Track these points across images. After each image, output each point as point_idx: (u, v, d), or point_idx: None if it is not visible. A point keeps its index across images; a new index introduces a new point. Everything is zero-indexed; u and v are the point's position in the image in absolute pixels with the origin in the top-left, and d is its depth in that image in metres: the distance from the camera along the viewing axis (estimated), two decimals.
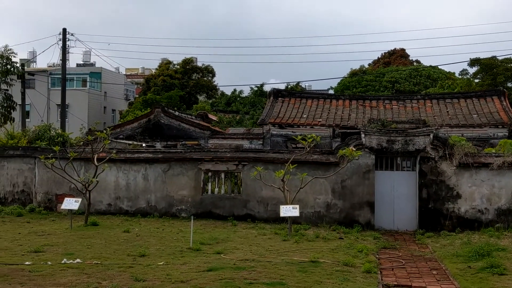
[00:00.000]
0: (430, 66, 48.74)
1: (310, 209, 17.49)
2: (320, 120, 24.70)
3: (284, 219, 16.23)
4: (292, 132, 23.91)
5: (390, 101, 26.59)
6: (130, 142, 25.05)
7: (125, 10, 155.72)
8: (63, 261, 10.98)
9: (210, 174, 18.41)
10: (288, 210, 15.33)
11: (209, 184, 18.40)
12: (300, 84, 54.40)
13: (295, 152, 17.51)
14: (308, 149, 15.85)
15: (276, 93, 27.06)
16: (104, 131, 18.31)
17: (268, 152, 18.63)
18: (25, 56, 68.16)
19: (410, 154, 17.34)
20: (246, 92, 58.25)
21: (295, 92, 29.43)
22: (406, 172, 17.61)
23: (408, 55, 57.52)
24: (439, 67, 48.96)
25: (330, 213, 17.44)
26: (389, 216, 17.39)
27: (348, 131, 22.68)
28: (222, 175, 18.32)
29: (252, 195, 17.89)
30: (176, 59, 67.55)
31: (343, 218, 17.32)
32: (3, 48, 20.21)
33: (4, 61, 20.02)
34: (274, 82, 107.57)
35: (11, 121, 21.42)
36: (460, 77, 46.09)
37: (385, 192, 17.48)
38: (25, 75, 40.16)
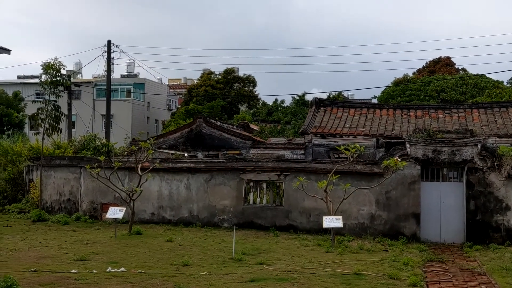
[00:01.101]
0: (477, 74, 47.70)
1: (353, 220, 17.24)
2: (363, 129, 24.39)
3: (327, 230, 16.04)
4: (335, 142, 23.65)
5: (436, 110, 26.05)
6: (173, 152, 25.27)
7: (168, 21, 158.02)
8: (108, 270, 11.09)
9: (252, 184, 18.36)
10: (331, 221, 15.13)
11: (251, 194, 18.35)
12: (342, 93, 54.00)
13: (338, 162, 17.30)
14: (352, 159, 15.63)
15: (318, 102, 26.87)
16: (148, 141, 18.51)
17: (311, 162, 18.48)
18: (71, 67, 69.80)
19: (457, 164, 16.92)
20: (288, 101, 58.14)
21: (337, 102, 29.18)
22: (453, 183, 17.19)
23: (454, 63, 56.40)
24: (487, 75, 47.83)
25: (374, 224, 17.15)
26: (436, 228, 16.99)
27: (393, 141, 22.27)
28: (264, 185, 18.25)
29: (294, 205, 17.76)
30: (218, 69, 68.04)
31: (388, 230, 17.01)
32: (52, 60, 20.60)
33: (54, 73, 20.41)
34: (316, 91, 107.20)
35: (59, 132, 21.81)
36: (508, 85, 44.92)
37: (431, 203, 17.10)
38: (72, 86, 41.16)
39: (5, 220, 18.90)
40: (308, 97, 52.42)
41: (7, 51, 32.30)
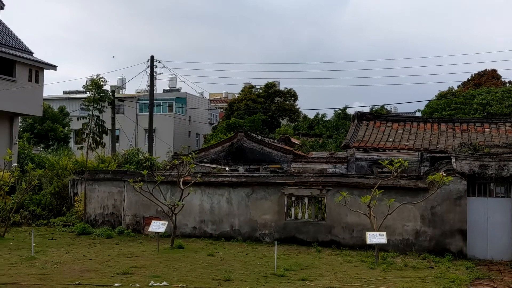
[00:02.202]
0: None
1: (398, 236, 16.89)
2: (407, 144, 23.97)
3: (371, 246, 15.76)
4: (378, 156, 23.32)
5: (482, 124, 25.42)
6: (214, 166, 25.34)
7: (210, 36, 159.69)
8: (150, 284, 11.12)
9: (293, 198, 18.22)
10: (375, 237, 14.85)
11: (293, 209, 18.20)
12: (385, 106, 53.40)
13: (382, 177, 17.01)
14: (396, 174, 15.34)
15: (361, 116, 26.58)
16: (190, 155, 18.61)
17: (353, 176, 18.23)
18: (115, 83, 71.18)
19: (504, 179, 16.43)
20: (329, 115, 57.85)
21: (380, 115, 28.80)
22: (500, 199, 16.68)
23: (500, 76, 55.04)
24: None
25: (419, 240, 16.75)
26: (483, 244, 16.49)
27: (437, 155, 21.82)
28: (306, 200, 18.08)
29: (336, 220, 17.52)
30: (259, 83, 68.31)
31: (433, 246, 16.59)
32: (95, 77, 21.00)
33: (97, 89, 20.78)
34: (358, 105, 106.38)
35: (102, 146, 22.17)
36: None
37: (478, 219, 16.62)
38: (115, 102, 41.89)
39: (50, 233, 19.24)
40: (350, 111, 52.09)
41: (54, 67, 33.19)
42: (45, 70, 32.61)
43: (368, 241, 14.98)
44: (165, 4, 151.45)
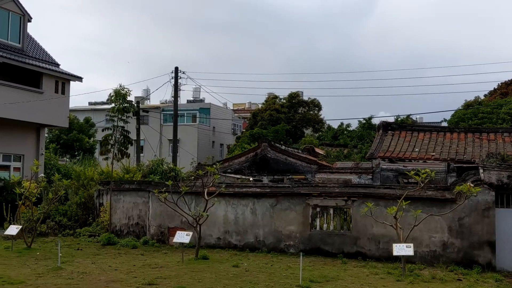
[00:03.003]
0: None
1: (424, 248, 16.62)
2: (434, 154, 23.68)
3: (397, 258, 15.55)
4: (404, 166, 23.08)
5: (509, 134, 25.03)
6: (238, 176, 25.33)
7: (233, 47, 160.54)
8: None
9: (318, 209, 18.08)
10: (402, 249, 14.64)
11: (318, 220, 18.06)
12: (410, 116, 52.98)
13: (408, 188, 16.79)
14: (422, 184, 15.13)
15: (386, 126, 26.37)
16: (214, 166, 18.62)
17: (379, 187, 18.03)
18: (139, 93, 71.87)
19: None
20: (354, 125, 57.58)
21: (406, 125, 28.53)
22: None
23: None
24: None
25: (447, 252, 16.47)
26: None
27: (465, 165, 21.54)
28: (331, 211, 17.92)
29: (362, 232, 17.33)
30: (283, 93, 68.36)
31: (461, 258, 16.29)
32: (119, 88, 21.17)
33: (120, 100, 20.94)
34: (383, 115, 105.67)
35: (127, 156, 22.33)
36: None
37: (507, 230, 16.27)
38: (140, 112, 42.24)
39: (76, 243, 19.37)
40: (375, 121, 51.77)
41: (79, 78, 33.59)
42: (71, 82, 33.03)
43: (395, 253, 14.78)
44: (189, 14, 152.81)
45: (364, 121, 55.19)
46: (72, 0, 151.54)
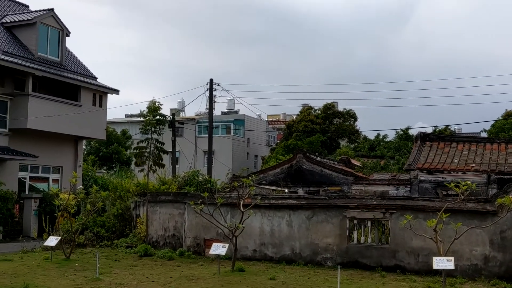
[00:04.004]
0: None
1: (465, 261, 16.20)
2: (473, 165, 23.19)
3: (437, 272, 15.18)
4: (442, 178, 22.66)
5: None
6: (274, 188, 25.23)
7: (267, 58, 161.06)
8: None
9: (355, 221, 17.82)
10: (442, 262, 14.28)
11: (355, 232, 17.80)
12: (449, 127, 52.14)
13: (448, 200, 16.43)
14: (463, 197, 14.77)
15: (424, 137, 25.96)
16: (249, 178, 18.56)
17: (418, 199, 17.68)
18: (175, 106, 72.58)
19: None
20: (391, 136, 56.95)
21: (444, 136, 28.06)
22: None
23: None
24: None
25: (489, 266, 16.01)
26: None
27: (506, 177, 21.03)
28: (369, 223, 17.64)
29: (401, 244, 16.99)
30: (317, 104, 68.08)
31: (504, 272, 15.81)
32: (152, 100, 21.38)
33: (153, 113, 21.15)
34: (421, 125, 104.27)
35: (162, 167, 22.47)
36: None
37: None
38: (175, 124, 42.57)
39: (114, 254, 19.52)
40: (413, 131, 51.11)
41: (116, 91, 34.11)
42: (108, 94, 33.56)
43: (435, 266, 14.42)
44: (224, 27, 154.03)
45: (402, 132, 54.53)
46: (108, 14, 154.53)
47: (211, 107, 40.14)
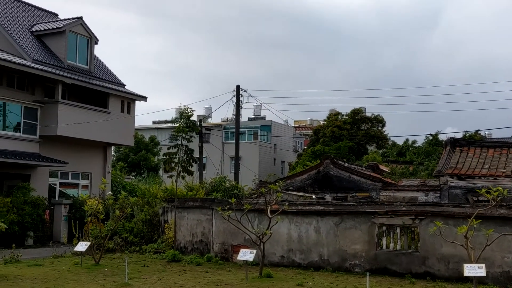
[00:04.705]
0: None
1: (497, 268, 15.89)
2: (505, 171, 22.77)
3: (468, 279, 14.90)
4: (473, 184, 22.29)
5: None
6: (301, 194, 25.13)
7: (294, 64, 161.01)
8: None
9: (384, 228, 17.63)
10: (473, 269, 14.02)
11: (384, 239, 17.61)
12: (479, 132, 51.40)
13: (478, 206, 16.15)
14: (494, 203, 14.50)
15: (453, 142, 25.60)
16: (276, 184, 18.51)
17: (448, 206, 17.42)
18: (201, 112, 72.98)
19: None
20: (420, 141, 56.31)
21: (474, 141, 27.64)
22: None
23: None
24: None
25: None
26: None
27: None
28: (398, 230, 17.43)
29: (431, 251, 16.75)
30: (345, 110, 67.72)
31: None
32: (183, 107, 21.51)
33: (184, 120, 21.27)
34: (451, 131, 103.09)
35: (191, 174, 22.59)
36: None
37: None
38: (202, 130, 42.81)
39: (142, 259, 19.65)
40: (442, 137, 50.53)
41: (144, 98, 34.43)
42: (136, 101, 33.89)
43: (466, 274, 14.17)
44: (250, 33, 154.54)
45: (431, 137, 53.91)
46: (134, 21, 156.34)
47: (237, 113, 40.24)
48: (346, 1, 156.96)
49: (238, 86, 40.17)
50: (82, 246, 18.80)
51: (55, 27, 30.94)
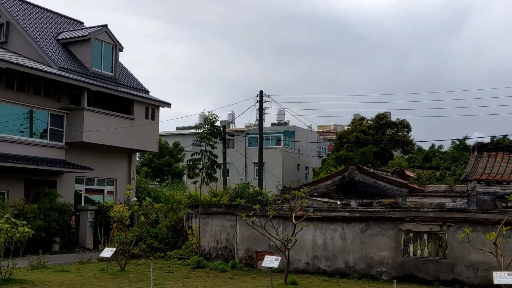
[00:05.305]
0: None
1: None
2: None
3: (498, 287, 14.57)
4: (502, 189, 21.89)
5: None
6: (326, 200, 24.95)
7: (317, 68, 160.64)
8: None
9: (411, 235, 17.37)
10: (503, 277, 13.69)
11: (411, 246, 17.34)
12: (507, 136, 50.58)
13: (508, 212, 15.82)
14: None
15: (481, 147, 25.19)
16: (301, 190, 18.36)
17: (476, 212, 17.10)
18: (225, 118, 73.13)
19: None
20: (446, 146, 55.61)
21: (502, 146, 27.13)
22: None
23: None
24: None
25: None
26: None
27: None
28: (425, 236, 17.16)
29: (459, 258, 16.45)
30: (369, 115, 67.20)
31: None
32: (207, 113, 21.49)
33: (209, 126, 21.26)
34: (478, 135, 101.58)
35: (215, 181, 22.55)
36: None
37: None
38: (226, 136, 42.84)
39: (167, 266, 19.66)
40: (469, 142, 49.88)
41: (168, 104, 34.58)
42: (160, 108, 34.06)
43: (496, 281, 13.84)
44: (273, 38, 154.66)
45: (458, 142, 53.24)
46: (159, 28, 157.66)
47: (261, 119, 40.19)
48: (372, 5, 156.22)
49: (261, 92, 40.12)
50: (107, 252, 18.88)
51: (81, 35, 31.28)
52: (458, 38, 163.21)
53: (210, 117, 21.50)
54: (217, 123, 22.44)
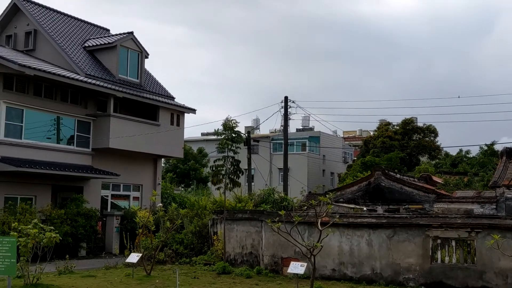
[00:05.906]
0: None
1: None
2: None
3: None
4: None
5: None
6: (352, 206, 24.73)
7: (342, 73, 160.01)
8: None
9: (439, 241, 17.11)
10: None
11: (438, 252, 17.08)
12: None
13: None
14: None
15: (510, 152, 24.79)
16: (327, 196, 18.22)
17: (506, 218, 16.79)
18: (249, 123, 73.20)
19: None
20: (474, 152, 54.81)
21: None
22: None
23: None
24: None
25: None
26: None
27: None
28: (453, 243, 16.89)
29: (488, 265, 16.15)
30: (395, 120, 66.60)
31: None
32: (227, 119, 21.46)
33: (228, 131, 21.23)
34: (507, 140, 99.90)
35: (238, 186, 22.51)
36: None
37: None
38: (251, 142, 42.82)
39: (193, 271, 19.67)
40: (498, 147, 49.07)
41: (193, 110, 34.72)
42: (185, 114, 34.22)
43: None
44: (298, 43, 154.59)
45: (486, 147, 52.45)
46: (183, 35, 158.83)
47: (286, 125, 40.09)
48: (397, 9, 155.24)
49: (286, 97, 40.04)
50: (133, 257, 18.98)
51: (107, 42, 31.62)
52: (485, 42, 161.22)
53: (230, 123, 21.47)
54: (240, 129, 22.40)
